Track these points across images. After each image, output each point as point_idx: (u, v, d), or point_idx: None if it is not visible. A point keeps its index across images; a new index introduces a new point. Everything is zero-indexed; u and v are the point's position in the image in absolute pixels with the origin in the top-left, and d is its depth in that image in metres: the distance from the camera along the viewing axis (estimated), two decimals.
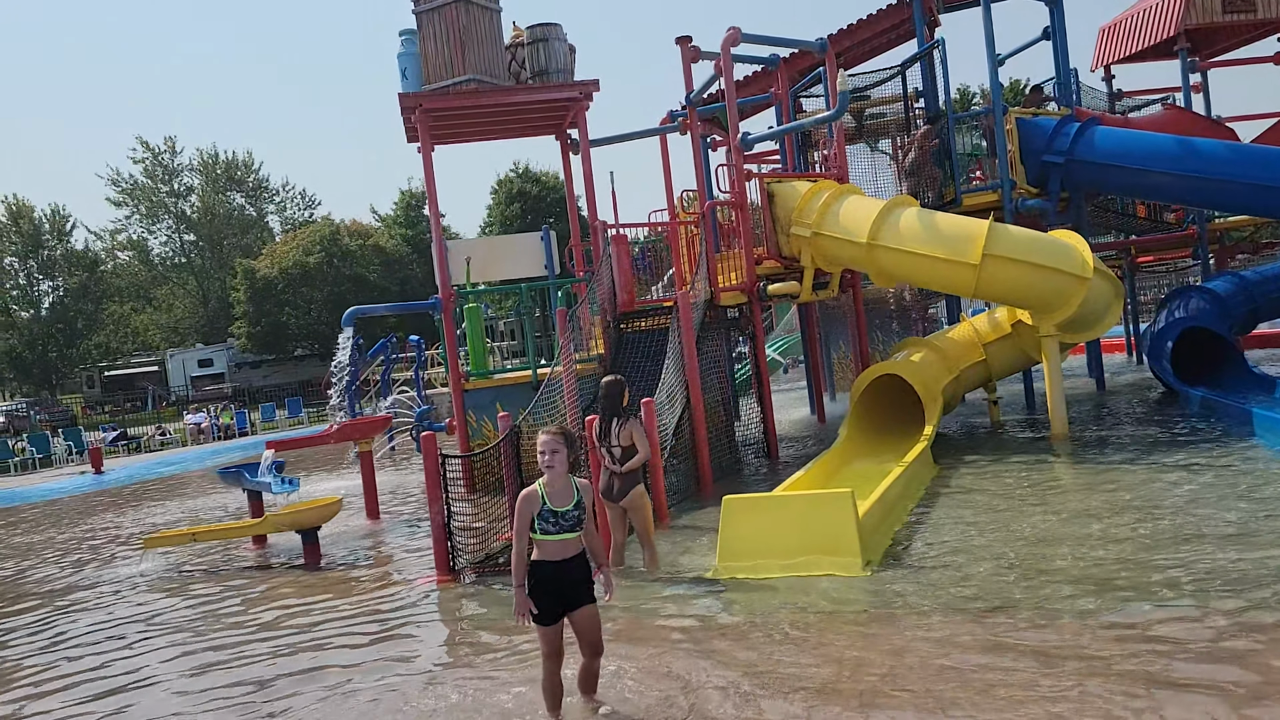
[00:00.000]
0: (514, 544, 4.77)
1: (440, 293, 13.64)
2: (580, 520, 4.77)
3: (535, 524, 4.70)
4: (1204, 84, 20.28)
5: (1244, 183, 12.68)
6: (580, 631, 4.85)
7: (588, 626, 4.85)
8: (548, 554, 4.73)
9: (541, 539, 4.71)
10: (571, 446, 4.85)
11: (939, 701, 4.67)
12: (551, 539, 4.70)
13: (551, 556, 4.72)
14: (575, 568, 4.78)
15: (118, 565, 11.25)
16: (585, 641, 4.89)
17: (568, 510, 4.72)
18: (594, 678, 5.03)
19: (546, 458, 4.74)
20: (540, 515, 4.69)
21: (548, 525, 4.69)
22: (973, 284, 11.42)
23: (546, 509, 4.69)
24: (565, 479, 4.79)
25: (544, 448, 4.76)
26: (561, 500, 4.73)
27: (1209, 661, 4.78)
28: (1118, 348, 22.98)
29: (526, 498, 4.73)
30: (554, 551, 4.72)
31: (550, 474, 4.75)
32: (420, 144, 13.75)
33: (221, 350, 59.43)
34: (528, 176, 59.11)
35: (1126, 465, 9.76)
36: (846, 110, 13.35)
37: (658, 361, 11.55)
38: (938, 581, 6.60)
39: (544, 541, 4.71)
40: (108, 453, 29.83)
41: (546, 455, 4.75)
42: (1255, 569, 6.03)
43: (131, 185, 67.99)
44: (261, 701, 5.87)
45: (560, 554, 4.73)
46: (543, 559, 4.73)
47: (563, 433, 4.86)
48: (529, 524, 4.72)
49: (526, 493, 4.74)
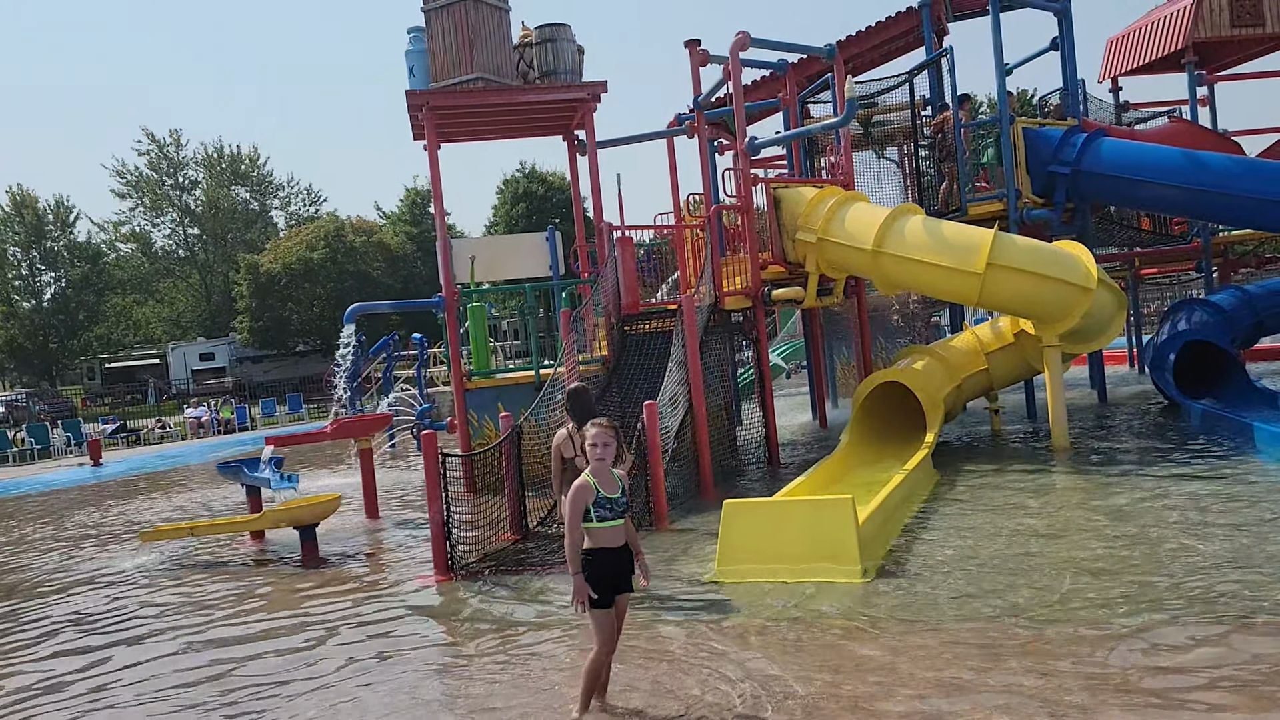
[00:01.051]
0: (568, 535, 4.95)
1: (444, 291, 13.64)
2: (627, 506, 5.02)
3: (591, 512, 4.91)
4: (1211, 97, 20.28)
5: (1249, 197, 12.67)
6: (618, 615, 5.10)
7: (624, 611, 5.15)
8: (604, 541, 4.94)
9: (599, 526, 4.91)
10: (620, 439, 5.06)
11: (934, 710, 4.67)
12: (608, 525, 4.92)
13: (608, 544, 4.95)
14: (626, 554, 5.03)
15: (113, 558, 11.23)
16: (621, 623, 5.14)
17: (618, 497, 4.96)
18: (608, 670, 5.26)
19: (598, 450, 4.92)
20: (596, 503, 4.90)
21: (604, 512, 4.91)
22: (976, 293, 11.41)
23: (601, 496, 4.90)
24: (609, 470, 4.99)
25: (595, 440, 4.94)
26: (611, 488, 4.94)
27: (1206, 678, 4.77)
28: (1120, 359, 22.97)
29: (580, 489, 4.90)
30: (609, 538, 4.95)
31: (599, 465, 4.93)
32: (426, 142, 13.75)
33: (223, 344, 59.49)
34: (534, 176, 59.11)
35: (1127, 477, 9.75)
36: (854, 117, 13.35)
37: (661, 364, 11.55)
38: (935, 590, 6.59)
39: (601, 529, 4.92)
40: (107, 445, 29.85)
41: (599, 447, 4.92)
42: (1251, 590, 6.02)
43: (136, 177, 68.13)
44: (255, 699, 5.86)
45: (614, 541, 4.96)
46: (601, 546, 4.95)
47: (613, 426, 5.06)
48: (582, 514, 4.91)
49: (580, 484, 4.91)
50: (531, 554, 8.96)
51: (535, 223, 50.20)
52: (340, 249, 58.20)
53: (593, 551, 4.94)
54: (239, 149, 70.71)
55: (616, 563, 4.97)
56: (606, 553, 4.94)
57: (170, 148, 68.26)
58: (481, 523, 9.51)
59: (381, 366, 20.55)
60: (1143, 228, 18.26)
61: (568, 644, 6.27)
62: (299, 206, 73.34)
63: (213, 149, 69.48)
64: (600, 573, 4.92)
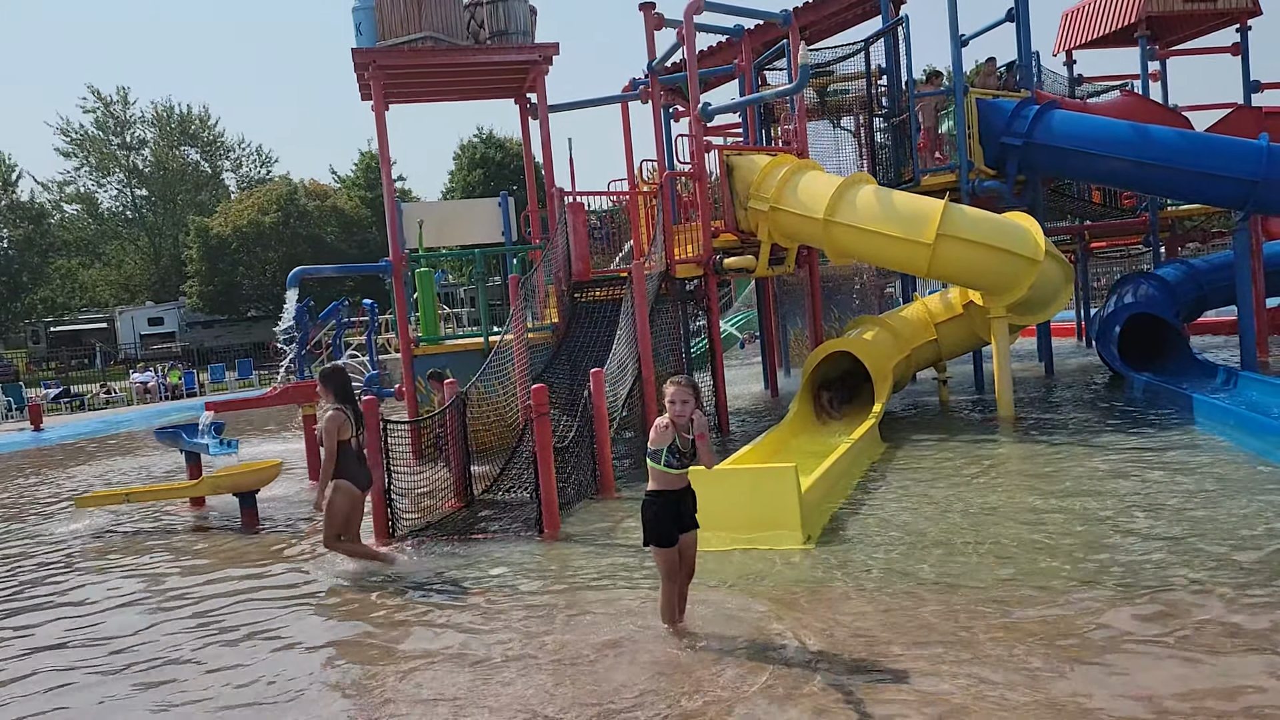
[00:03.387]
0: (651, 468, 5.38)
1: (391, 256, 13.39)
2: (694, 455, 5.34)
3: (664, 457, 5.29)
4: (1162, 72, 20.45)
5: (1195, 171, 12.80)
6: (684, 551, 5.47)
7: (690, 546, 5.52)
8: (669, 484, 5.36)
9: (665, 471, 5.32)
10: (698, 396, 5.37)
11: (870, 674, 4.66)
12: (674, 472, 5.34)
13: (672, 486, 5.37)
14: (688, 496, 5.46)
15: (48, 525, 10.95)
16: (686, 560, 5.52)
17: (689, 450, 5.33)
18: (684, 599, 5.66)
19: (678, 407, 5.25)
20: (669, 449, 5.28)
21: (673, 460, 5.30)
22: (926, 263, 11.43)
23: (675, 444, 5.28)
24: (687, 424, 5.27)
25: (674, 397, 5.29)
26: (685, 441, 5.30)
27: (1139, 639, 4.82)
28: (1068, 332, 23.26)
29: (663, 428, 5.27)
30: (674, 483, 5.37)
31: (680, 421, 5.25)
32: (374, 103, 13.43)
33: (172, 309, 58.28)
34: (491, 142, 58.27)
35: (1068, 447, 9.87)
36: (807, 84, 13.25)
37: (611, 332, 11.45)
38: (877, 556, 6.62)
39: (667, 474, 5.33)
40: (50, 410, 29.12)
41: (678, 405, 5.25)
42: (1182, 554, 6.11)
43: (81, 136, 66.13)
44: (191, 666, 5.72)
45: (678, 484, 5.39)
46: (665, 488, 5.37)
47: (692, 384, 5.37)
48: (661, 452, 5.30)
49: (664, 423, 5.28)
50: (477, 521, 8.87)
51: (493, 189, 49.42)
52: (293, 213, 57.12)
53: (658, 494, 5.37)
54: (189, 109, 69.03)
55: (679, 504, 5.39)
56: (670, 495, 5.36)
57: (117, 106, 66.31)
58: (424, 489, 9.41)
59: (331, 333, 20.19)
60: (1093, 201, 18.44)
61: (494, 608, 6.19)
62: (250, 169, 71.84)
63: (162, 108, 67.70)
64: (663, 513, 5.35)
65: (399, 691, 5.06)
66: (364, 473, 7.66)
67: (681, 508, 5.43)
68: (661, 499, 5.40)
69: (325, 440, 7.42)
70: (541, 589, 6.64)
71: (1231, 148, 12.87)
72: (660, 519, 5.39)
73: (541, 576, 6.96)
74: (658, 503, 5.40)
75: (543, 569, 7.17)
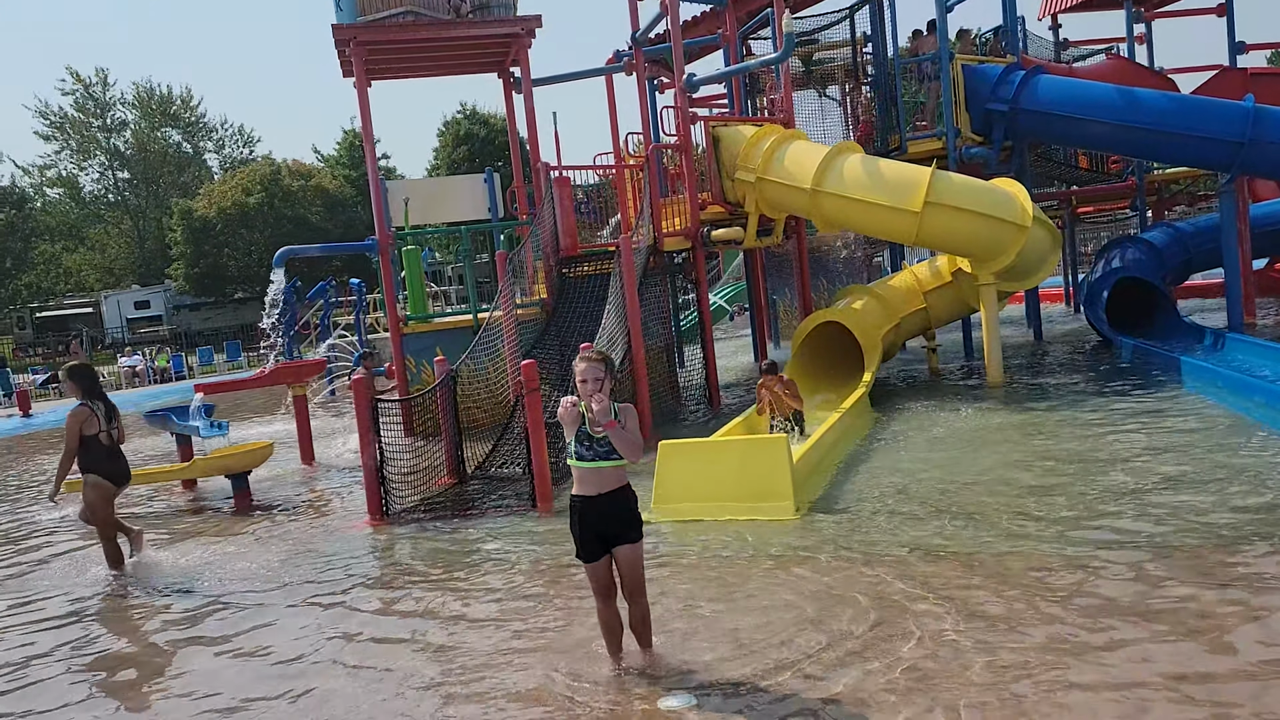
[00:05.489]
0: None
1: (377, 234, 13.31)
2: (614, 450, 4.40)
3: (572, 446, 4.43)
4: (1148, 35, 20.38)
5: (1182, 134, 12.80)
6: (620, 567, 4.52)
7: (628, 564, 4.51)
8: (583, 484, 4.44)
9: (576, 464, 4.42)
10: (611, 371, 4.45)
11: (862, 643, 4.70)
12: (586, 465, 4.40)
13: (587, 490, 4.43)
14: (614, 503, 4.44)
15: (39, 510, 10.92)
16: (625, 580, 4.55)
17: (602, 437, 4.38)
18: (642, 623, 4.68)
19: (589, 385, 4.35)
20: (578, 438, 4.41)
21: (581, 449, 4.40)
22: (914, 231, 11.42)
23: (583, 430, 4.40)
24: (608, 405, 4.38)
25: (584, 375, 4.37)
26: (597, 428, 4.38)
27: (1131, 600, 4.86)
28: (1056, 298, 23.33)
29: (570, 406, 4.41)
30: (588, 481, 4.42)
31: (590, 400, 4.37)
32: (356, 79, 13.30)
33: (159, 292, 57.83)
34: (475, 118, 57.75)
35: (1058, 411, 9.92)
36: (792, 53, 13.17)
37: (600, 306, 11.41)
38: (868, 526, 6.65)
39: (578, 468, 4.43)
40: (38, 396, 29.01)
41: (589, 383, 4.35)
42: (1177, 511, 6.16)
43: (61, 119, 65.33)
44: (183, 646, 5.73)
45: (597, 487, 4.42)
46: (579, 490, 4.46)
47: (603, 358, 4.45)
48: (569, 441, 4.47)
49: (568, 401, 4.42)
50: (471, 498, 8.88)
51: (478, 165, 49.15)
52: (277, 193, 56.65)
53: (573, 497, 4.50)
54: (170, 90, 68.27)
55: (600, 511, 4.42)
56: (586, 500, 4.45)
57: (96, 87, 65.50)
58: (418, 467, 9.41)
59: (320, 313, 20.16)
60: (1081, 166, 18.43)
61: (486, 584, 6.21)
62: (233, 149, 71.20)
63: (143, 89, 66.88)
64: (579, 521, 4.46)
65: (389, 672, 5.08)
66: (116, 467, 7.65)
67: (606, 516, 4.44)
68: (577, 505, 4.49)
69: (66, 436, 7.50)
70: (533, 564, 6.66)
71: (1218, 110, 12.88)
72: (574, 527, 4.49)
73: (535, 550, 6.98)
74: (572, 507, 4.51)
75: (537, 542, 7.19)
